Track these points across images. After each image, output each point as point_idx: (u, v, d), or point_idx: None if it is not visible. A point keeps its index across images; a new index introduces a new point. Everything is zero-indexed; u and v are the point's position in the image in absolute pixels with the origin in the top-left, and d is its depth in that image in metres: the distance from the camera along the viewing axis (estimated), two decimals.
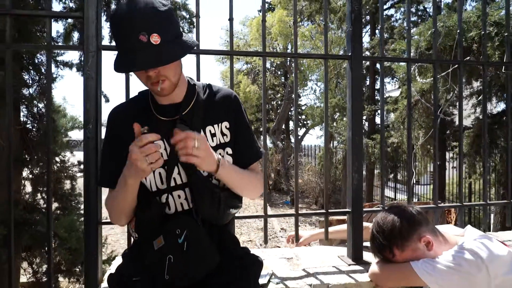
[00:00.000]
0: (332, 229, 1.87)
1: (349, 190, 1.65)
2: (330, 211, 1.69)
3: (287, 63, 12.97)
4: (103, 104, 1.48)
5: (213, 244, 1.09)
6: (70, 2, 3.69)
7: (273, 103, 15.81)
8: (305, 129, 15.29)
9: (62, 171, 3.29)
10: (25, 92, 3.10)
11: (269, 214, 1.64)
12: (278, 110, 13.83)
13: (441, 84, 3.80)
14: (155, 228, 1.09)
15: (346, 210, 1.66)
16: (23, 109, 3.12)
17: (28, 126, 3.13)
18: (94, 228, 1.41)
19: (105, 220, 1.46)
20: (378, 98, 10.49)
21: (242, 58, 13.62)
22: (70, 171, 3.40)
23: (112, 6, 3.45)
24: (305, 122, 16.24)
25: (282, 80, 15.10)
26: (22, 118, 3.13)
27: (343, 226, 1.83)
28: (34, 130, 3.13)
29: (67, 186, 3.41)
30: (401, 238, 1.29)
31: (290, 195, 11.06)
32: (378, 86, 11.25)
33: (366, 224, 1.69)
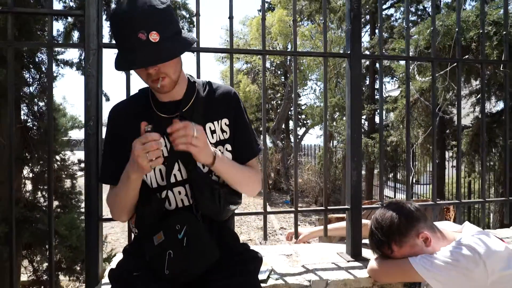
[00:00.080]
0: (331, 226, 1.88)
1: (348, 187, 1.66)
2: (329, 208, 1.70)
3: (287, 63, 12.99)
4: (104, 103, 1.49)
5: (212, 239, 1.10)
6: (70, 2, 3.71)
7: (273, 103, 15.82)
8: (305, 128, 15.31)
9: (62, 170, 3.31)
10: (25, 90, 3.11)
11: (268, 211, 1.65)
12: (278, 110, 13.85)
13: (440, 82, 3.81)
14: (155, 223, 1.11)
15: (345, 207, 1.67)
16: (24, 107, 3.13)
17: (28, 124, 3.14)
18: (95, 224, 1.42)
19: (105, 217, 1.48)
20: (378, 97, 10.50)
21: (242, 58, 13.64)
22: (71, 170, 3.42)
23: (112, 5, 3.45)
24: (305, 122, 16.26)
25: (282, 79, 15.11)
26: (23, 116, 3.14)
27: (342, 224, 1.84)
28: (35, 128, 3.15)
29: (68, 184, 3.42)
30: (399, 234, 1.30)
31: (290, 195, 11.07)
32: (378, 86, 11.26)
33: (365, 221, 1.70)
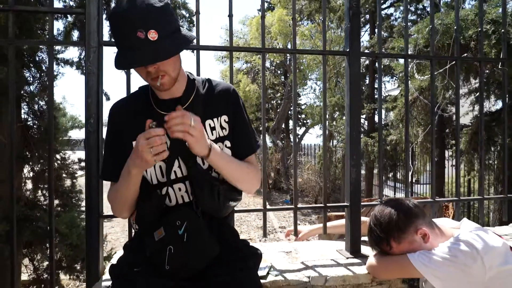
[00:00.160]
0: (330, 224, 1.89)
1: (347, 184, 1.67)
2: (328, 206, 1.71)
3: (287, 62, 12.99)
4: (104, 102, 1.50)
5: (212, 235, 1.11)
6: (70, 1, 3.72)
7: (272, 102, 15.83)
8: (304, 128, 15.32)
9: (62, 168, 3.31)
10: (26, 89, 3.12)
11: (268, 208, 1.66)
12: (278, 109, 13.85)
13: (439, 81, 3.82)
14: (156, 219, 1.11)
15: (344, 204, 1.68)
16: (24, 106, 3.14)
17: (29, 123, 3.15)
18: (96, 221, 1.43)
19: (106, 213, 1.48)
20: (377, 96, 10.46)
21: (241, 58, 13.64)
22: (71, 169, 3.42)
23: (112, 4, 3.46)
24: (304, 122, 16.27)
25: (282, 79, 15.12)
26: (23, 115, 3.15)
27: (342, 221, 1.85)
28: (35, 127, 3.15)
29: (68, 183, 3.43)
30: (398, 230, 1.31)
31: (290, 194, 11.08)
32: (377, 85, 11.25)
33: (364, 218, 1.71)
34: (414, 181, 9.64)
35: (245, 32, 14.34)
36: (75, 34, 3.69)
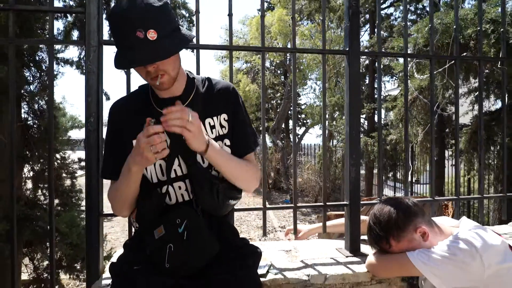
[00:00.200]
0: (330, 223, 1.89)
1: (346, 183, 1.67)
2: (328, 204, 1.71)
3: (287, 62, 12.99)
4: (104, 101, 1.50)
5: (212, 233, 1.11)
6: (70, 1, 3.72)
7: (272, 102, 15.83)
8: (304, 128, 15.32)
9: (62, 168, 3.32)
10: (26, 89, 3.12)
11: (267, 207, 1.66)
12: (278, 109, 13.86)
13: (438, 80, 3.82)
14: (156, 218, 1.12)
15: (344, 203, 1.68)
16: (24, 105, 3.14)
17: (29, 122, 3.16)
18: (96, 219, 1.44)
19: (106, 212, 1.49)
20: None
21: (241, 58, 13.64)
22: (71, 168, 3.43)
23: (112, 3, 3.47)
24: (304, 122, 16.27)
25: (282, 79, 15.12)
26: (23, 114, 3.15)
27: (341, 220, 1.85)
28: (35, 127, 3.16)
29: (68, 182, 3.43)
30: (397, 229, 1.31)
31: (290, 194, 11.08)
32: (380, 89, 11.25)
33: (364, 217, 1.71)
34: (414, 181, 9.64)
35: (245, 32, 14.35)
36: (75, 34, 3.70)
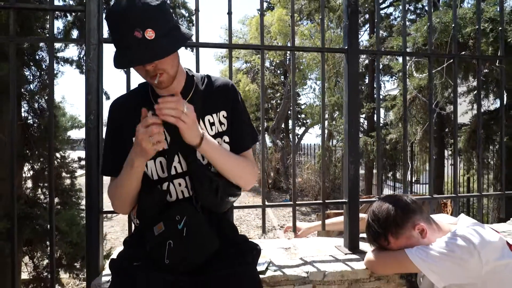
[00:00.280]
0: (329, 221, 1.90)
1: (345, 180, 1.68)
2: (327, 202, 1.72)
3: (287, 62, 12.99)
4: (104, 101, 1.51)
5: (212, 230, 1.12)
6: (70, 0, 3.73)
7: (272, 102, 15.82)
8: (304, 128, 15.32)
9: (62, 167, 3.32)
10: (26, 88, 3.13)
11: (267, 204, 1.67)
12: (278, 109, 13.86)
13: (438, 79, 3.83)
14: (156, 214, 1.12)
15: (343, 200, 1.69)
16: (24, 104, 3.15)
17: (29, 121, 3.16)
18: (96, 216, 1.44)
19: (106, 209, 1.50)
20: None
21: (241, 57, 13.64)
22: (71, 167, 3.43)
23: (111, 2, 3.47)
24: (304, 121, 16.28)
25: (282, 79, 15.12)
26: (23, 113, 3.16)
27: (341, 218, 1.86)
28: (35, 125, 3.16)
29: (67, 181, 3.44)
30: (395, 226, 1.32)
31: (290, 194, 11.08)
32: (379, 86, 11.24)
33: (363, 215, 1.72)
34: (414, 180, 9.65)
35: (244, 32, 14.35)
36: (74, 34, 3.70)
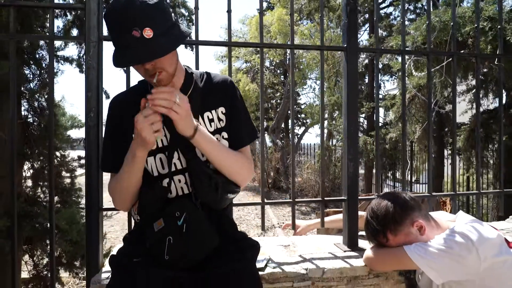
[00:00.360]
0: (328, 218, 1.90)
1: (344, 178, 1.69)
2: (326, 199, 1.72)
3: (286, 62, 12.98)
4: (104, 100, 1.51)
5: (211, 226, 1.12)
6: None
7: (272, 102, 15.82)
8: (304, 127, 15.32)
9: (62, 166, 3.33)
10: (26, 86, 3.14)
11: (266, 201, 1.68)
12: (278, 109, 13.86)
13: (437, 78, 3.84)
14: (157, 211, 1.13)
15: (342, 198, 1.69)
16: (24, 103, 3.15)
17: (29, 120, 3.17)
18: (96, 214, 1.45)
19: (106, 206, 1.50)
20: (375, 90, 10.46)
21: (241, 57, 13.64)
22: (70, 166, 3.44)
23: (110, 0, 3.48)
24: (304, 121, 16.27)
25: (282, 78, 15.11)
26: (23, 112, 3.16)
27: (340, 216, 1.87)
28: (35, 124, 3.17)
29: (67, 180, 3.44)
30: (394, 222, 1.33)
31: (289, 193, 11.08)
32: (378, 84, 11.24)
33: (362, 213, 1.72)
34: (413, 180, 9.65)
35: (244, 31, 14.33)
36: (74, 33, 3.70)
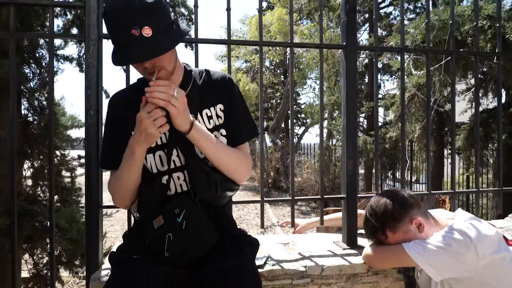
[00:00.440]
0: (327, 217, 1.91)
1: (343, 176, 1.69)
2: (325, 197, 1.73)
3: (286, 62, 12.99)
4: (104, 99, 1.51)
5: (211, 223, 1.13)
6: None
7: (272, 102, 15.82)
8: (304, 127, 15.32)
9: (62, 164, 3.33)
10: (26, 85, 3.14)
11: (265, 199, 1.68)
12: (278, 109, 13.86)
13: (436, 76, 3.84)
14: (156, 208, 1.13)
15: (341, 196, 1.70)
16: (24, 102, 3.15)
17: (29, 119, 3.17)
18: (95, 211, 1.45)
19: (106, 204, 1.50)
20: (379, 95, 10.47)
21: (241, 57, 13.64)
22: (70, 165, 3.44)
23: None
24: (304, 121, 16.28)
25: (282, 78, 15.12)
26: (23, 111, 3.16)
27: (339, 214, 1.87)
28: (35, 123, 3.17)
29: (67, 179, 3.44)
30: (393, 220, 1.33)
31: (289, 193, 11.08)
32: (378, 84, 11.25)
33: (361, 211, 1.72)
34: (413, 180, 9.65)
35: (244, 31, 14.34)
36: (74, 32, 3.71)
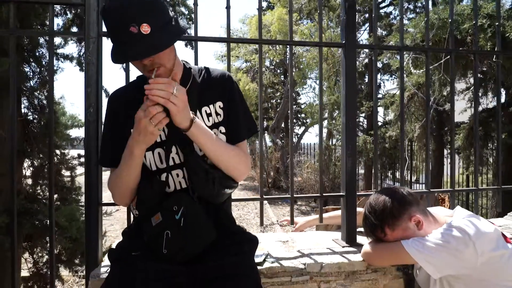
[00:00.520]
0: (327, 215, 1.91)
1: (343, 174, 1.69)
2: (324, 195, 1.73)
3: (286, 61, 12.99)
4: (104, 98, 1.51)
5: (209, 220, 1.13)
6: None
7: (272, 101, 15.82)
8: (304, 127, 15.32)
9: (62, 163, 3.33)
10: (26, 84, 3.14)
11: (265, 197, 1.69)
12: (278, 108, 13.86)
13: (436, 75, 3.84)
14: (154, 205, 1.13)
15: (340, 194, 1.70)
16: (24, 100, 3.15)
17: (29, 117, 3.17)
18: (95, 209, 1.45)
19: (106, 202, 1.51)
20: (379, 94, 10.47)
21: (241, 57, 13.65)
22: (70, 164, 3.44)
23: None
24: (304, 121, 16.28)
25: (282, 78, 15.12)
26: (23, 109, 3.17)
27: (338, 212, 1.87)
28: (35, 122, 3.17)
29: (67, 178, 3.45)
30: (392, 217, 1.33)
31: (289, 193, 11.08)
32: (378, 83, 11.25)
33: (360, 209, 1.73)
34: (413, 180, 9.65)
35: (244, 31, 14.34)
36: (74, 31, 3.71)
